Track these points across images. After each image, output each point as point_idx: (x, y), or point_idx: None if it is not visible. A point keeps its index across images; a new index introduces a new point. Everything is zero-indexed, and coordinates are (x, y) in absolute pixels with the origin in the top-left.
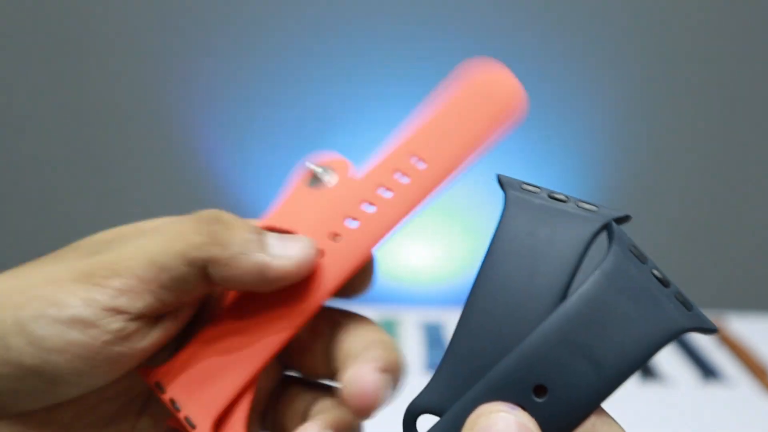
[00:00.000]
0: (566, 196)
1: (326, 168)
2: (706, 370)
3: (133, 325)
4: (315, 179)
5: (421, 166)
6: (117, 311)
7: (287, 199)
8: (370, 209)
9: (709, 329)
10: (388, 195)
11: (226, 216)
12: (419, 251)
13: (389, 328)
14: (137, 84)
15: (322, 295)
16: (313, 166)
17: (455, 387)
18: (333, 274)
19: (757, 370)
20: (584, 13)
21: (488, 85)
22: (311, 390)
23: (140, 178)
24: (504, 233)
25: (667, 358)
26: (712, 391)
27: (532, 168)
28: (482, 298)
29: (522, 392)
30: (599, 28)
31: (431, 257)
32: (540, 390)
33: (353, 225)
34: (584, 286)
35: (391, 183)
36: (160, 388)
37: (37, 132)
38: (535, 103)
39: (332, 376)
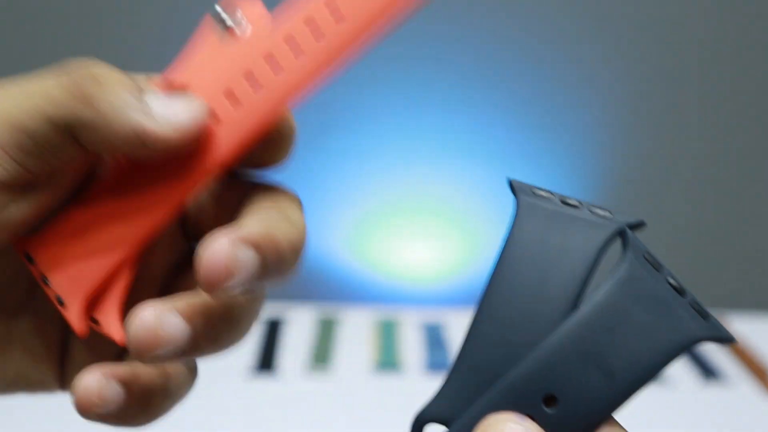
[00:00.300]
0: (579, 202)
1: (235, 15)
2: (706, 370)
3: None
4: (223, 27)
5: (339, 22)
6: None
7: (190, 51)
8: (276, 70)
9: (726, 339)
10: (298, 55)
11: (102, 71)
12: (419, 250)
13: (389, 328)
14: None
15: (212, 165)
16: (221, 11)
17: (464, 396)
18: (227, 142)
19: (757, 370)
20: (585, 12)
21: None
22: None
23: None
24: (515, 239)
25: None
26: (712, 391)
27: (534, 165)
28: (492, 306)
29: (532, 402)
30: (600, 26)
31: (431, 256)
32: (550, 400)
33: (255, 88)
34: (597, 294)
35: (303, 39)
36: (29, 258)
37: None
38: (537, 101)
39: None
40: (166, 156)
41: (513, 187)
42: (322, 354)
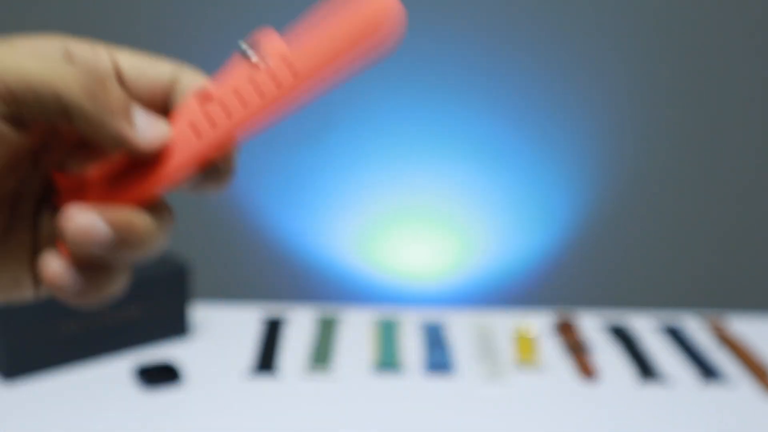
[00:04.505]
0: None
1: (254, 46)
2: (706, 370)
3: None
4: (244, 55)
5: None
6: None
7: (224, 71)
8: (226, 115)
9: None
10: (254, 97)
11: (112, 83)
12: (419, 251)
13: (389, 328)
14: None
15: (172, 169)
16: (242, 44)
17: None
18: (183, 156)
19: (757, 370)
20: (582, 19)
21: (366, 4)
22: None
23: None
24: None
25: (667, 359)
26: (712, 391)
27: (534, 172)
28: None
29: None
30: (602, 30)
31: (431, 257)
32: None
33: (210, 125)
34: None
35: (261, 86)
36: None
37: None
38: (540, 110)
39: None
40: (139, 156)
41: None
42: (322, 354)
